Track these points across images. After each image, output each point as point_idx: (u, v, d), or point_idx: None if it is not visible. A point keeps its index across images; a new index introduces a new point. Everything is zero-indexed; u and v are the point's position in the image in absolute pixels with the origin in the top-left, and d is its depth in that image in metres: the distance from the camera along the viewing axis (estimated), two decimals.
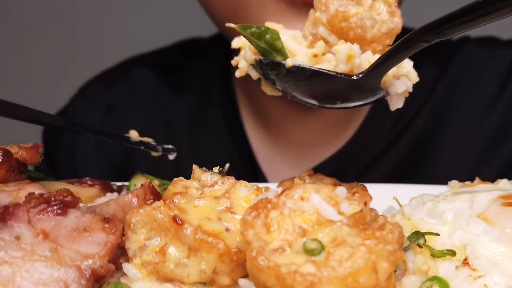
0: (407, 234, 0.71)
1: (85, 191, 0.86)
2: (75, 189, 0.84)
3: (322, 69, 0.76)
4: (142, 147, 1.00)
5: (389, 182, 1.27)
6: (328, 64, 0.77)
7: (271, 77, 0.79)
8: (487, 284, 0.67)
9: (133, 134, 1.01)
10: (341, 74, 0.75)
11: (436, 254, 0.70)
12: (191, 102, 1.53)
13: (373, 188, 0.81)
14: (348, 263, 0.58)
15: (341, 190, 0.66)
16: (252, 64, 0.81)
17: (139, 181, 0.90)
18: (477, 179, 0.88)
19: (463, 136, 1.44)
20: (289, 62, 0.76)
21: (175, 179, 0.76)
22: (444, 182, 0.93)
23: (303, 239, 0.62)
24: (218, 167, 0.77)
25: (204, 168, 0.77)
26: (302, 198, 0.65)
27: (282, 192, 0.66)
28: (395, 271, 0.63)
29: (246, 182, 0.75)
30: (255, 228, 0.63)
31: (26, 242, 0.66)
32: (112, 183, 0.92)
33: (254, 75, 0.82)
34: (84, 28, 2.42)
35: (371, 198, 0.66)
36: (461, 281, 0.68)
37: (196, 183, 0.75)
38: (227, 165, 0.79)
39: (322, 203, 0.64)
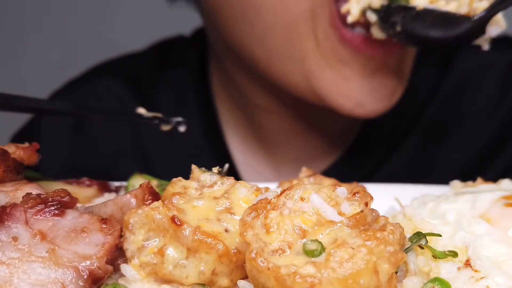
0: (408, 235, 0.71)
1: (82, 191, 0.86)
2: (73, 189, 0.84)
3: (448, 11, 0.90)
4: (156, 121, 1.02)
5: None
6: (445, 7, 0.91)
7: (394, 19, 0.93)
8: (489, 285, 0.67)
9: (142, 111, 1.02)
10: (462, 15, 0.90)
11: (437, 255, 0.70)
12: (163, 114, 1.48)
13: (374, 188, 0.80)
14: (349, 264, 0.58)
15: (342, 190, 0.65)
16: (371, 9, 0.95)
17: (137, 181, 0.90)
18: (479, 179, 0.88)
19: (464, 138, 1.43)
20: (420, 5, 0.89)
21: (174, 179, 0.76)
22: (445, 182, 0.93)
23: (303, 240, 0.62)
24: (218, 167, 0.77)
25: (203, 168, 0.76)
26: (302, 199, 0.64)
27: (281, 193, 0.66)
28: (396, 273, 0.63)
29: (246, 182, 0.74)
30: (254, 229, 0.62)
31: (23, 243, 0.65)
32: (110, 183, 0.91)
33: (373, 18, 0.95)
34: (83, 27, 2.42)
35: (372, 198, 0.65)
36: (463, 282, 0.68)
37: (195, 184, 0.75)
38: (227, 165, 0.79)
39: (322, 203, 0.64)
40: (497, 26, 0.91)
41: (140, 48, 1.68)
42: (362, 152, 1.43)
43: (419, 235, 0.70)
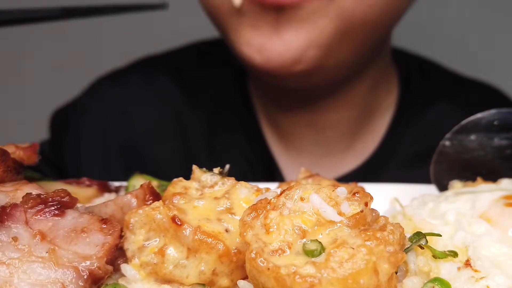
0: (408, 235, 0.71)
1: (82, 192, 0.86)
2: (73, 189, 0.84)
3: None
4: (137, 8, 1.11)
5: None
6: None
7: None
8: (489, 285, 0.67)
9: None
10: None
11: (437, 255, 0.70)
12: (205, 107, 1.53)
13: (374, 188, 0.80)
14: (349, 264, 0.58)
15: (342, 190, 0.65)
16: None
17: (138, 181, 0.90)
18: (479, 179, 0.88)
19: None
20: None
21: (175, 179, 0.76)
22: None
23: (302, 240, 0.62)
24: (219, 168, 0.77)
25: (204, 168, 0.76)
26: (302, 199, 0.64)
27: (281, 193, 0.65)
28: (396, 273, 0.62)
29: (246, 183, 0.74)
30: (254, 229, 0.62)
31: (23, 243, 0.65)
32: (110, 183, 0.91)
33: None
34: (82, 27, 2.42)
35: (372, 198, 0.65)
36: (463, 282, 0.68)
37: (196, 184, 0.75)
38: (227, 166, 0.79)
39: (322, 203, 0.63)
40: None
41: (141, 50, 1.68)
42: (384, 159, 1.45)
43: (419, 235, 0.70)
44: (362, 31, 1.20)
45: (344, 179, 1.42)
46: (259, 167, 1.47)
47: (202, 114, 1.52)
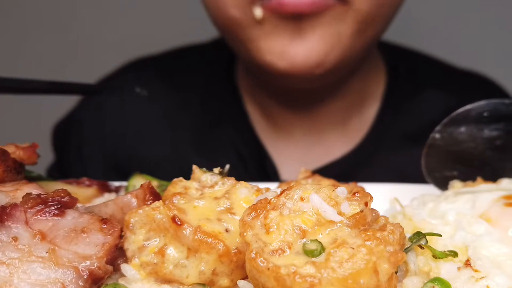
0: (408, 235, 0.71)
1: (82, 191, 0.86)
2: (73, 189, 0.84)
3: None
4: None
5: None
6: None
7: None
8: (489, 285, 0.67)
9: None
10: None
11: (437, 255, 0.70)
12: (195, 105, 1.54)
13: (373, 188, 0.80)
14: (349, 264, 0.58)
15: (342, 190, 0.65)
16: None
17: (138, 181, 0.90)
18: (479, 179, 0.88)
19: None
20: None
21: (175, 179, 0.76)
22: None
23: (302, 240, 0.62)
24: (219, 168, 0.77)
25: (204, 168, 0.76)
26: (301, 199, 0.64)
27: (281, 193, 0.65)
28: (396, 272, 0.62)
29: (246, 183, 0.74)
30: (254, 229, 0.62)
31: (23, 243, 0.65)
32: (110, 183, 0.91)
33: None
34: (83, 28, 2.42)
35: (372, 198, 0.65)
36: (463, 282, 0.68)
37: (196, 184, 0.75)
38: (227, 166, 0.79)
39: (322, 203, 0.63)
40: None
41: (141, 50, 1.69)
42: (374, 147, 1.47)
43: (419, 235, 0.70)
44: (373, 28, 1.24)
45: (334, 165, 1.43)
46: (251, 159, 1.48)
47: (192, 112, 1.53)
